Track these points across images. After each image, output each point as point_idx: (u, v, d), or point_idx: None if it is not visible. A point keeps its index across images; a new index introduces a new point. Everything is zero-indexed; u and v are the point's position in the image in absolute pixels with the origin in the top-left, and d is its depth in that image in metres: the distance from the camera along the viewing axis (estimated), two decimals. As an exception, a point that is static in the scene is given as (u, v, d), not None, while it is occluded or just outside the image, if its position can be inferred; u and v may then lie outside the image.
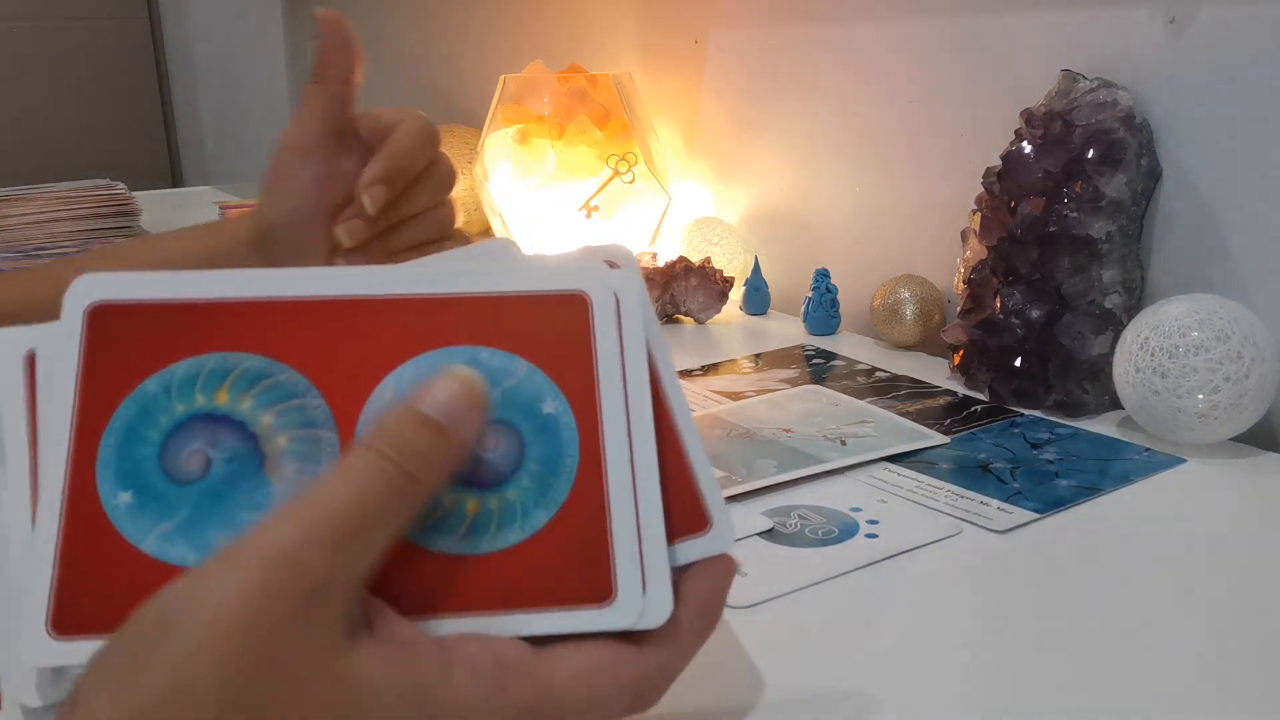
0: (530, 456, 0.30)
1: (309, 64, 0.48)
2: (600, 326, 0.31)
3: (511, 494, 0.30)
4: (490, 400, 0.30)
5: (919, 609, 0.43)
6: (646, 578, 0.30)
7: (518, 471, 0.30)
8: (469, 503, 0.30)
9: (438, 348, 0.31)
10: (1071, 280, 0.65)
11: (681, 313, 0.90)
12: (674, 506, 0.31)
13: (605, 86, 0.99)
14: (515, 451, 0.30)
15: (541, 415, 0.30)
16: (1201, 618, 0.43)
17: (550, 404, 0.30)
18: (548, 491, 0.30)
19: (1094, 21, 0.69)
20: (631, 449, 0.30)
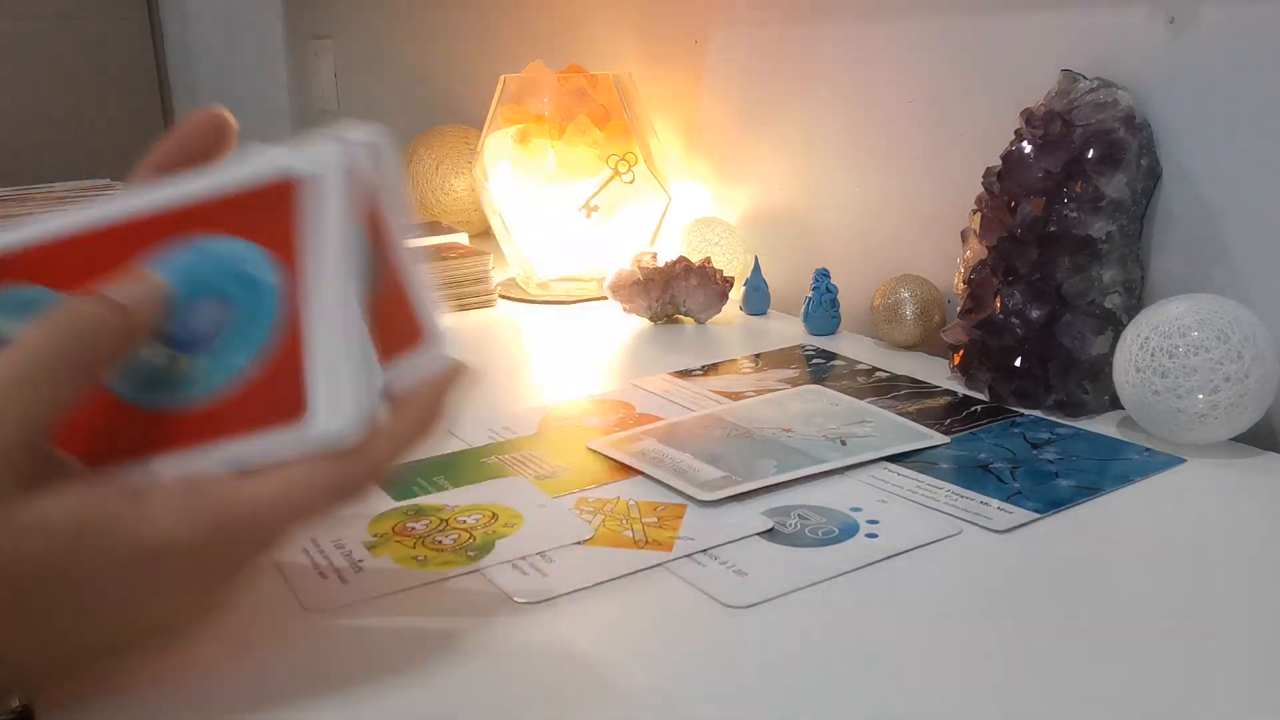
0: (236, 314, 0.34)
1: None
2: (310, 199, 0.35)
3: (218, 346, 0.34)
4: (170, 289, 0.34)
5: (919, 609, 0.43)
6: (340, 394, 0.34)
7: (226, 329, 0.34)
8: (181, 361, 0.34)
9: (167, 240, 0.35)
10: (1071, 280, 0.65)
11: (681, 313, 0.90)
12: (388, 329, 0.36)
13: (605, 86, 0.99)
14: (223, 313, 0.34)
15: (244, 274, 0.34)
16: (1202, 618, 0.43)
17: (253, 265, 0.34)
18: (251, 339, 0.34)
19: (1094, 21, 0.69)
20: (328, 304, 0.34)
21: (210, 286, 0.34)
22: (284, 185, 0.35)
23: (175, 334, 0.34)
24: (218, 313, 0.34)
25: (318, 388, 0.34)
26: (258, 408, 0.34)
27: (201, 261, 0.35)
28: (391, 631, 0.42)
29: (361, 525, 0.50)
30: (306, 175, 0.35)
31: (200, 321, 0.34)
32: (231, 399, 0.34)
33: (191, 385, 0.34)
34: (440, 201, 1.30)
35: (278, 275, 0.34)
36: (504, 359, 0.83)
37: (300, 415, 0.34)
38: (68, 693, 0.37)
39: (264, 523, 0.33)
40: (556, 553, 0.48)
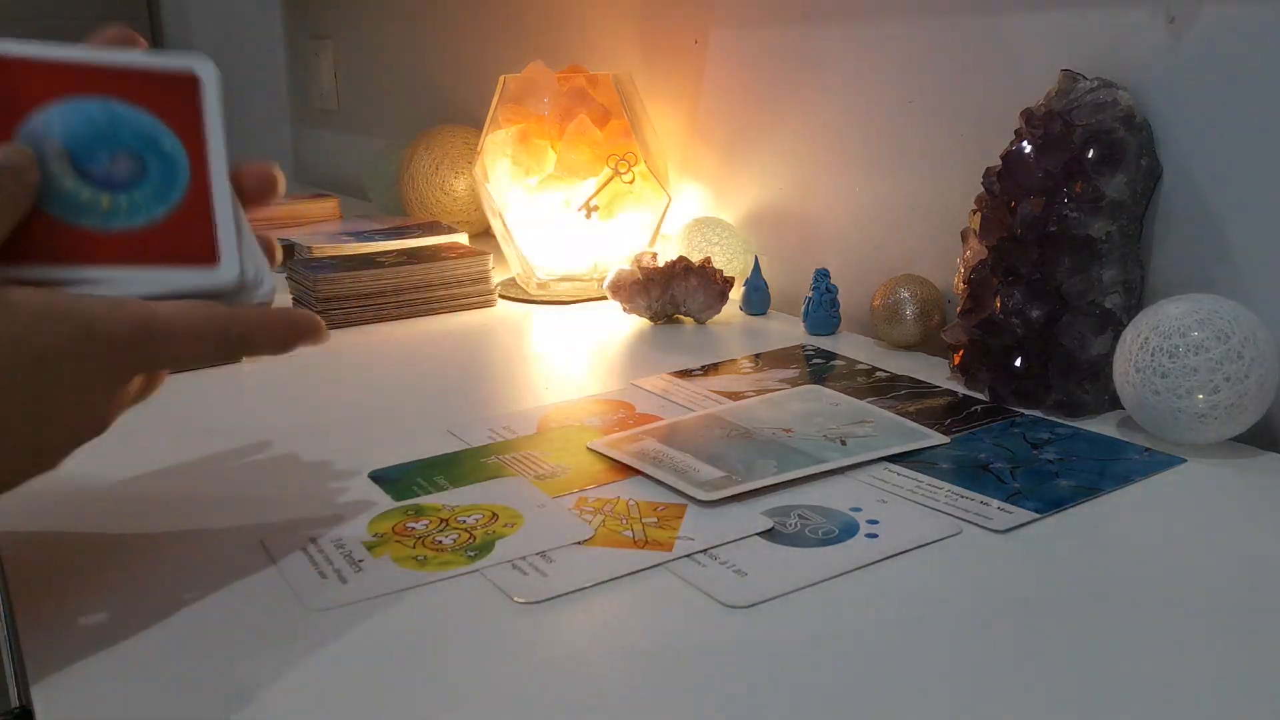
0: (151, 175, 0.43)
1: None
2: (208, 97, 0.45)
3: (137, 195, 0.43)
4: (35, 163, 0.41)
5: (919, 609, 0.43)
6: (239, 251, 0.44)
7: (142, 182, 0.43)
8: (104, 197, 0.42)
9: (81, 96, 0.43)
10: (1071, 280, 0.65)
11: (681, 313, 0.90)
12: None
13: (605, 86, 0.99)
14: (138, 170, 0.43)
15: (162, 150, 0.44)
16: (1201, 618, 0.43)
17: (168, 144, 0.44)
18: (166, 196, 0.43)
19: (1094, 21, 0.69)
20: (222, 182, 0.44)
21: (127, 144, 0.43)
22: (190, 77, 0.45)
23: (97, 175, 0.42)
24: (133, 167, 0.43)
25: (225, 242, 0.43)
26: (171, 246, 0.43)
27: (119, 121, 0.43)
28: (391, 631, 0.42)
29: (361, 525, 0.51)
30: (208, 74, 0.45)
31: (119, 170, 0.43)
32: (148, 234, 0.42)
33: (113, 217, 0.42)
34: (440, 201, 1.31)
35: (183, 150, 0.44)
36: (504, 359, 0.83)
37: (212, 261, 0.43)
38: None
39: (173, 334, 0.41)
40: (556, 553, 0.48)
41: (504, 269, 1.06)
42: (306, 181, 2.11)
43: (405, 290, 0.94)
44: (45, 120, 0.42)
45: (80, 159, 0.42)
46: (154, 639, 0.41)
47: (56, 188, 0.41)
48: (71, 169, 0.42)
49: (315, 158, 2.09)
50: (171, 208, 0.43)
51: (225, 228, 0.44)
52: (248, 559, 0.47)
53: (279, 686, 0.38)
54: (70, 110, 0.42)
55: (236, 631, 0.41)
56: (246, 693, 0.38)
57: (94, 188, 0.42)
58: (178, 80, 0.44)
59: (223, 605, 0.43)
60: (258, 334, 0.43)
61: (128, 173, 0.43)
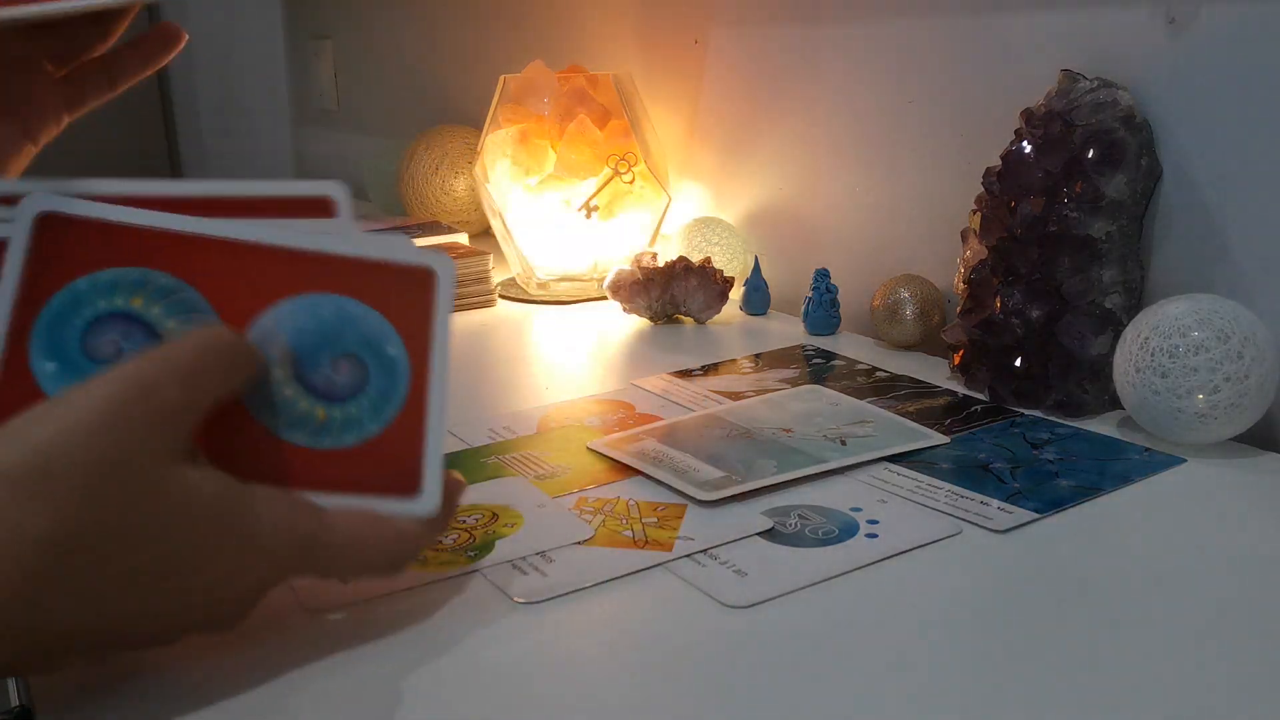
0: (372, 384, 0.40)
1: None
2: (439, 298, 0.41)
3: (353, 409, 0.40)
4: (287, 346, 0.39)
5: (918, 609, 0.43)
6: (440, 479, 0.40)
7: (360, 394, 0.40)
8: (319, 410, 0.39)
9: (314, 292, 0.40)
10: (1071, 280, 0.65)
11: (681, 313, 0.90)
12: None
13: (605, 86, 0.99)
14: (361, 379, 0.40)
15: (386, 355, 0.40)
16: (1201, 618, 0.43)
17: (393, 348, 0.40)
18: (382, 412, 0.40)
19: (1094, 21, 0.69)
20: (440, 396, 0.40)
21: (353, 348, 0.40)
22: (425, 273, 0.41)
23: (318, 384, 0.39)
24: (356, 374, 0.40)
25: (431, 472, 0.40)
26: (376, 472, 0.39)
27: (347, 322, 0.40)
28: (392, 631, 0.42)
29: (361, 525, 0.50)
30: (443, 271, 0.41)
31: (342, 378, 0.40)
32: (356, 456, 0.39)
33: (325, 434, 0.39)
34: (440, 201, 1.31)
35: (407, 358, 0.40)
36: (504, 359, 0.83)
37: (414, 493, 0.40)
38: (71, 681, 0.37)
39: (334, 558, 0.38)
40: (556, 553, 0.48)
41: (504, 269, 1.06)
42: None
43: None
44: (277, 317, 0.39)
45: (304, 364, 0.39)
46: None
47: (275, 395, 0.39)
48: (293, 375, 0.39)
49: (315, 158, 2.09)
50: (385, 425, 0.39)
51: (433, 455, 0.40)
52: (248, 559, 0.47)
53: (279, 687, 0.38)
54: (302, 308, 0.39)
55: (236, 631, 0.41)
56: (246, 693, 0.38)
57: (312, 398, 0.39)
58: (413, 275, 0.40)
59: (223, 605, 0.43)
60: (424, 538, 0.40)
61: (348, 381, 0.39)
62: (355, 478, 0.39)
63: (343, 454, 0.39)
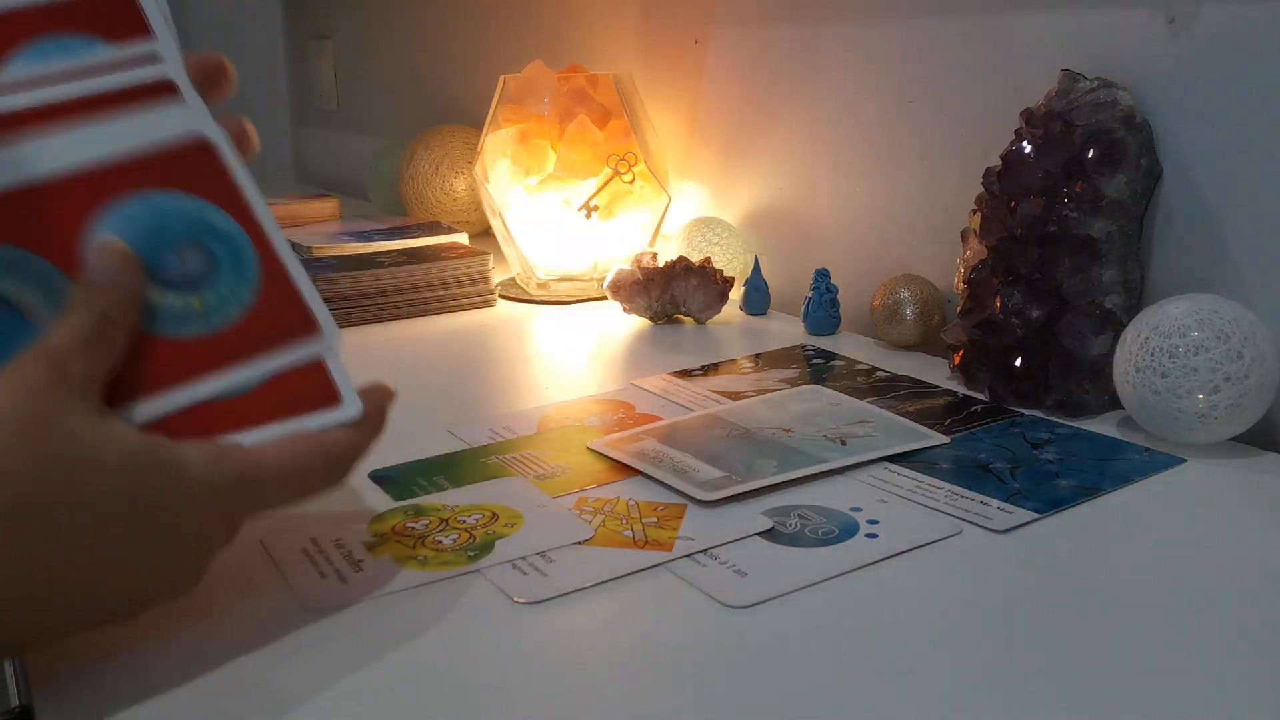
0: (221, 256, 0.41)
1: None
2: (226, 157, 0.42)
3: (221, 286, 0.40)
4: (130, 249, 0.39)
5: (918, 609, 0.43)
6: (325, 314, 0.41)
7: (219, 269, 0.40)
8: (192, 300, 0.40)
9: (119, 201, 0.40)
10: (1071, 280, 0.65)
11: (681, 313, 0.90)
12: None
13: (605, 86, 0.99)
14: (209, 258, 0.40)
15: (216, 227, 0.41)
16: (1201, 618, 0.43)
17: (216, 217, 0.41)
18: (244, 275, 0.41)
19: (1094, 21, 0.69)
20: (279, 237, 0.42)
21: (184, 236, 0.40)
22: (202, 144, 0.41)
23: (176, 279, 0.40)
24: (202, 256, 0.40)
25: (313, 302, 0.41)
26: (273, 327, 0.40)
27: (164, 214, 0.40)
28: (391, 631, 0.42)
29: (362, 525, 0.51)
30: (214, 132, 0.42)
31: (191, 264, 0.40)
32: (249, 322, 0.40)
33: (211, 316, 0.40)
34: (440, 201, 1.31)
35: (232, 221, 0.41)
36: (504, 359, 0.83)
37: (315, 330, 0.41)
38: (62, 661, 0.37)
39: (280, 477, 0.39)
40: (556, 553, 0.48)
41: (504, 269, 1.06)
42: (306, 181, 2.11)
43: (405, 290, 0.94)
44: (101, 239, 0.39)
45: (152, 268, 0.39)
46: (154, 639, 0.40)
47: (151, 310, 0.39)
48: (152, 282, 0.39)
49: (315, 158, 2.09)
50: (256, 286, 0.41)
51: (308, 288, 0.41)
52: (248, 559, 0.47)
53: (279, 686, 0.38)
54: (116, 219, 0.40)
55: (236, 631, 0.41)
56: (246, 693, 0.38)
57: (180, 292, 0.40)
58: (192, 149, 0.41)
59: (222, 605, 0.43)
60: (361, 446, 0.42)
61: (200, 264, 0.40)
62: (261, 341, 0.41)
63: (238, 327, 0.40)
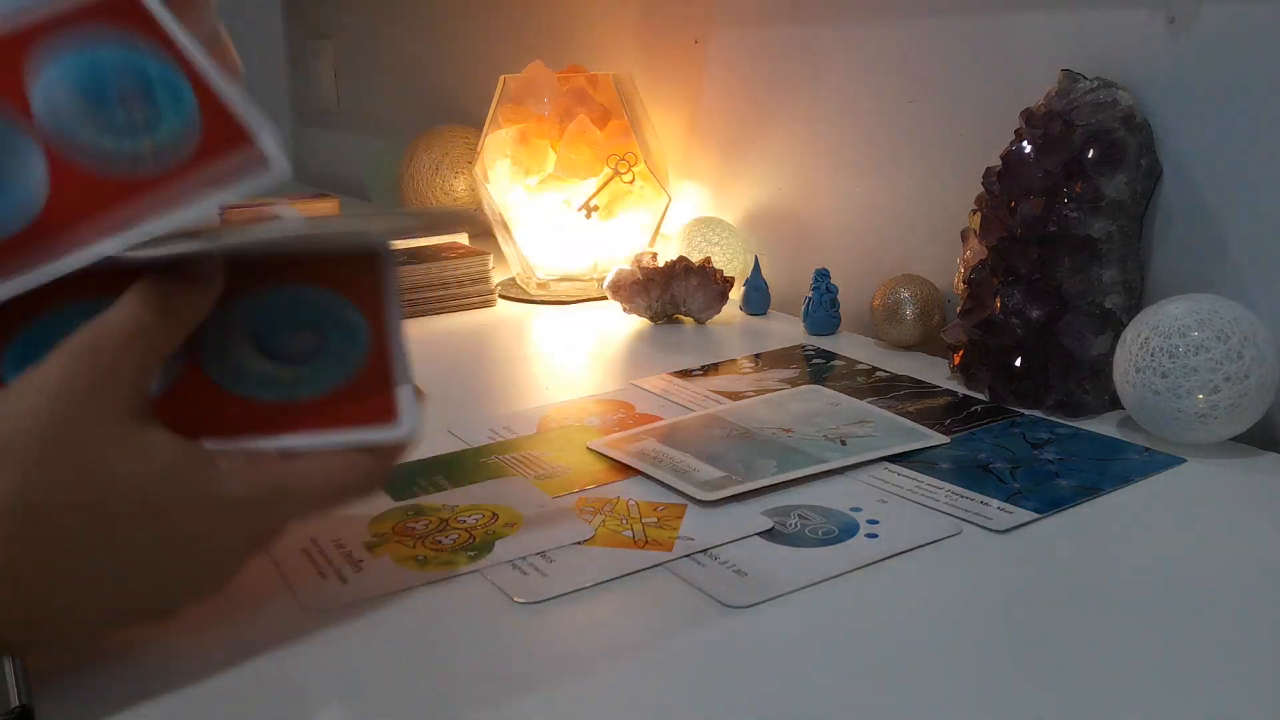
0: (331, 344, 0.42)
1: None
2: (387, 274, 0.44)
3: (319, 366, 0.42)
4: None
5: (918, 609, 0.43)
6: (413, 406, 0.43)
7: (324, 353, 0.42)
8: (286, 372, 0.42)
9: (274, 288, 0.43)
10: (1071, 280, 0.65)
11: (681, 313, 0.90)
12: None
13: (605, 86, 0.99)
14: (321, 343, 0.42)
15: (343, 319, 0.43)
16: (1201, 618, 0.43)
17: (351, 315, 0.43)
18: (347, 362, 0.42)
19: (1094, 21, 0.69)
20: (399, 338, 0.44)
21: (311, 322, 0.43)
22: (375, 256, 0.44)
23: (281, 354, 0.42)
24: (315, 340, 0.42)
25: (404, 400, 0.43)
26: (354, 410, 0.42)
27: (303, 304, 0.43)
28: (391, 631, 0.42)
29: (362, 525, 0.50)
30: (389, 252, 0.45)
31: (301, 345, 0.42)
32: (331, 401, 0.42)
33: (296, 388, 0.42)
34: (440, 201, 1.31)
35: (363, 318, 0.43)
36: (504, 359, 0.83)
37: (391, 420, 0.42)
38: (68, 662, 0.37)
39: (310, 491, 0.39)
40: (556, 553, 0.48)
41: (504, 269, 1.06)
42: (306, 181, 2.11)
43: (405, 290, 0.94)
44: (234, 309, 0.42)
45: (265, 340, 0.42)
46: (153, 639, 0.40)
47: (244, 370, 0.41)
48: (257, 352, 0.42)
49: (315, 158, 2.09)
50: (354, 373, 0.42)
51: (404, 386, 0.43)
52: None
53: (278, 686, 0.38)
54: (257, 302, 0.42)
55: (236, 631, 0.41)
56: (246, 693, 0.38)
57: (278, 364, 0.42)
58: (363, 257, 0.44)
59: (222, 605, 0.43)
60: (394, 455, 0.42)
61: (310, 346, 0.42)
62: (336, 418, 0.42)
63: (318, 401, 0.42)
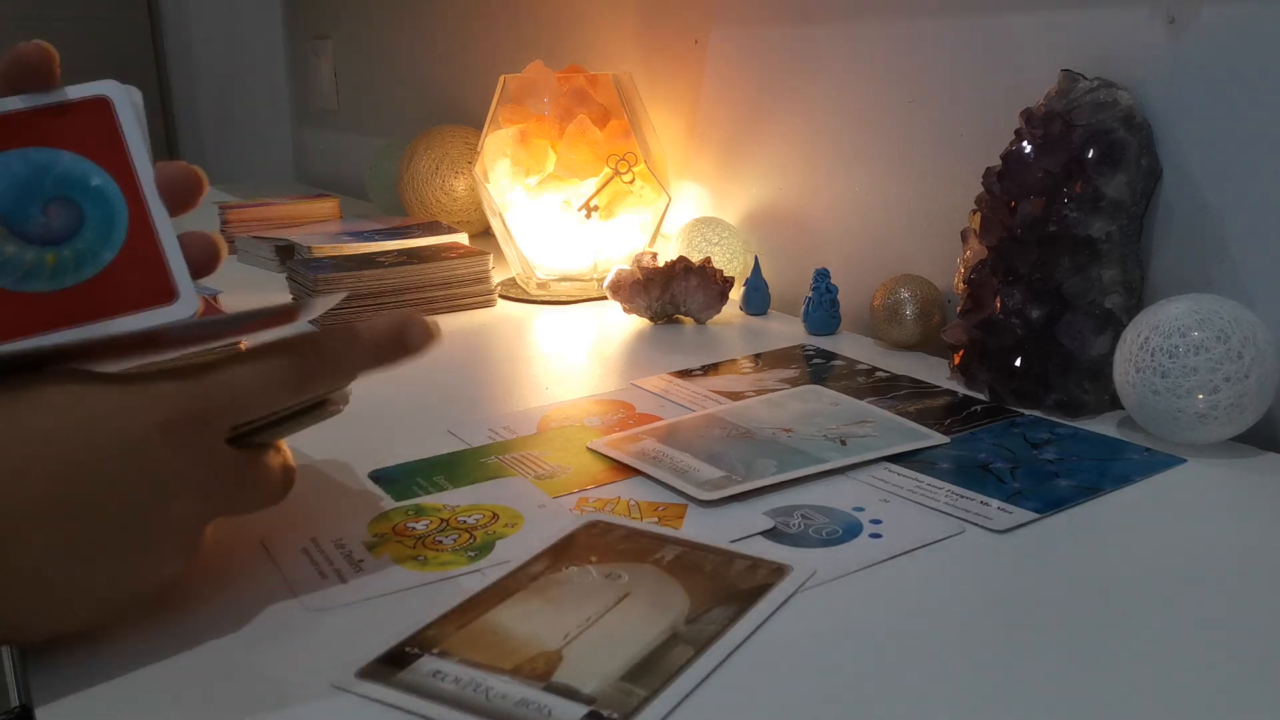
0: (89, 216, 0.41)
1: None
2: (122, 118, 0.43)
3: (80, 244, 0.41)
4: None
5: (918, 609, 0.43)
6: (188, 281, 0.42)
7: (81, 229, 0.41)
8: (48, 256, 0.40)
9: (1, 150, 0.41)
10: (1071, 280, 0.65)
11: (681, 313, 0.90)
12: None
13: (605, 86, 0.99)
14: (76, 216, 0.41)
15: (91, 187, 0.41)
16: (1202, 618, 0.43)
17: (97, 179, 0.42)
18: (109, 237, 0.41)
19: (1094, 21, 0.69)
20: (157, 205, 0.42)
21: (56, 192, 0.41)
22: (100, 101, 0.42)
23: (35, 232, 0.41)
24: (69, 213, 0.41)
25: (178, 274, 0.42)
26: (129, 292, 0.41)
27: (40, 170, 0.41)
28: (392, 631, 0.42)
29: (361, 525, 0.51)
30: (118, 94, 0.43)
31: (56, 222, 0.41)
32: (103, 283, 0.40)
33: (61, 274, 0.40)
34: (440, 201, 1.31)
35: (112, 181, 0.42)
36: (504, 359, 0.83)
37: (172, 299, 0.42)
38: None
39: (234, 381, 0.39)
40: (557, 553, 0.48)
41: (504, 269, 1.06)
42: (306, 181, 2.11)
43: (405, 290, 0.94)
44: None
45: (13, 220, 0.40)
46: (154, 639, 0.40)
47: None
48: (7, 232, 0.40)
49: (315, 158, 2.09)
50: (118, 249, 0.41)
51: (175, 259, 0.42)
52: (248, 559, 0.47)
53: (279, 687, 0.38)
54: None
55: (237, 631, 0.41)
56: (245, 693, 0.38)
57: (36, 247, 0.40)
58: (89, 108, 0.42)
59: (223, 605, 0.43)
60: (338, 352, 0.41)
61: (65, 221, 0.41)
62: (109, 303, 0.41)
63: (88, 286, 0.40)
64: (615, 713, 0.35)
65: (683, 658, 0.39)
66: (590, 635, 0.40)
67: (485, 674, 0.38)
